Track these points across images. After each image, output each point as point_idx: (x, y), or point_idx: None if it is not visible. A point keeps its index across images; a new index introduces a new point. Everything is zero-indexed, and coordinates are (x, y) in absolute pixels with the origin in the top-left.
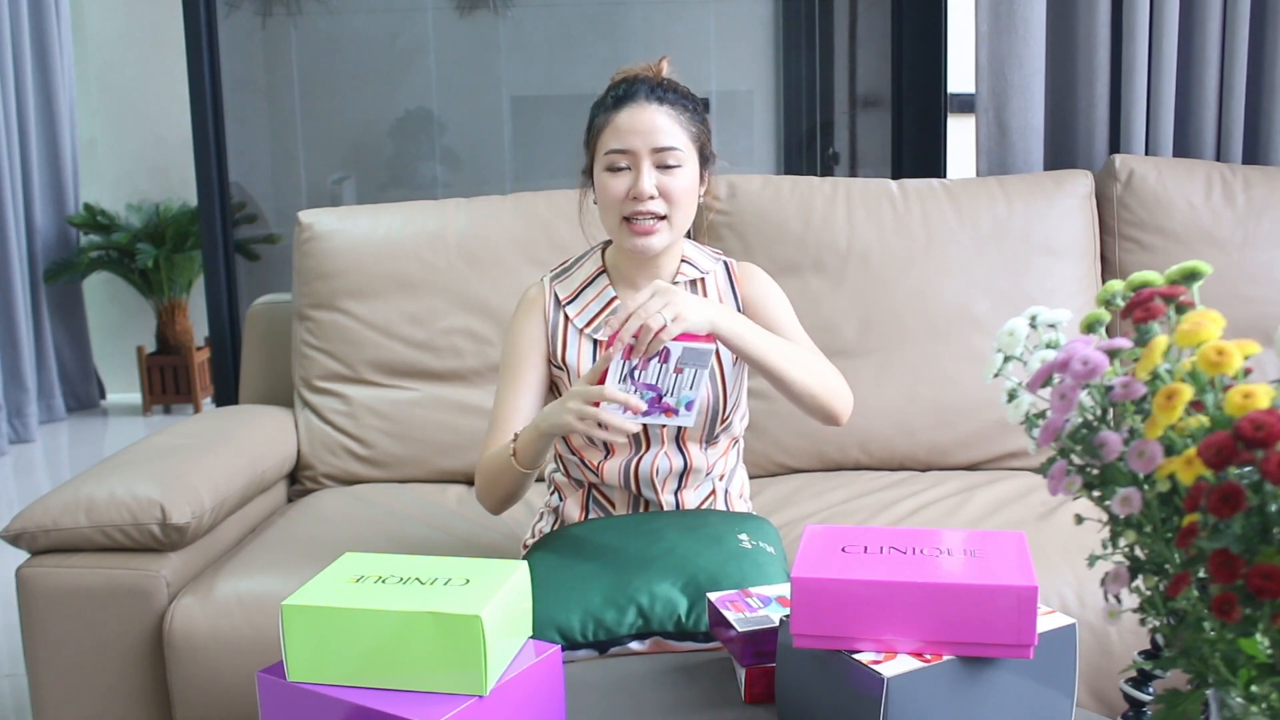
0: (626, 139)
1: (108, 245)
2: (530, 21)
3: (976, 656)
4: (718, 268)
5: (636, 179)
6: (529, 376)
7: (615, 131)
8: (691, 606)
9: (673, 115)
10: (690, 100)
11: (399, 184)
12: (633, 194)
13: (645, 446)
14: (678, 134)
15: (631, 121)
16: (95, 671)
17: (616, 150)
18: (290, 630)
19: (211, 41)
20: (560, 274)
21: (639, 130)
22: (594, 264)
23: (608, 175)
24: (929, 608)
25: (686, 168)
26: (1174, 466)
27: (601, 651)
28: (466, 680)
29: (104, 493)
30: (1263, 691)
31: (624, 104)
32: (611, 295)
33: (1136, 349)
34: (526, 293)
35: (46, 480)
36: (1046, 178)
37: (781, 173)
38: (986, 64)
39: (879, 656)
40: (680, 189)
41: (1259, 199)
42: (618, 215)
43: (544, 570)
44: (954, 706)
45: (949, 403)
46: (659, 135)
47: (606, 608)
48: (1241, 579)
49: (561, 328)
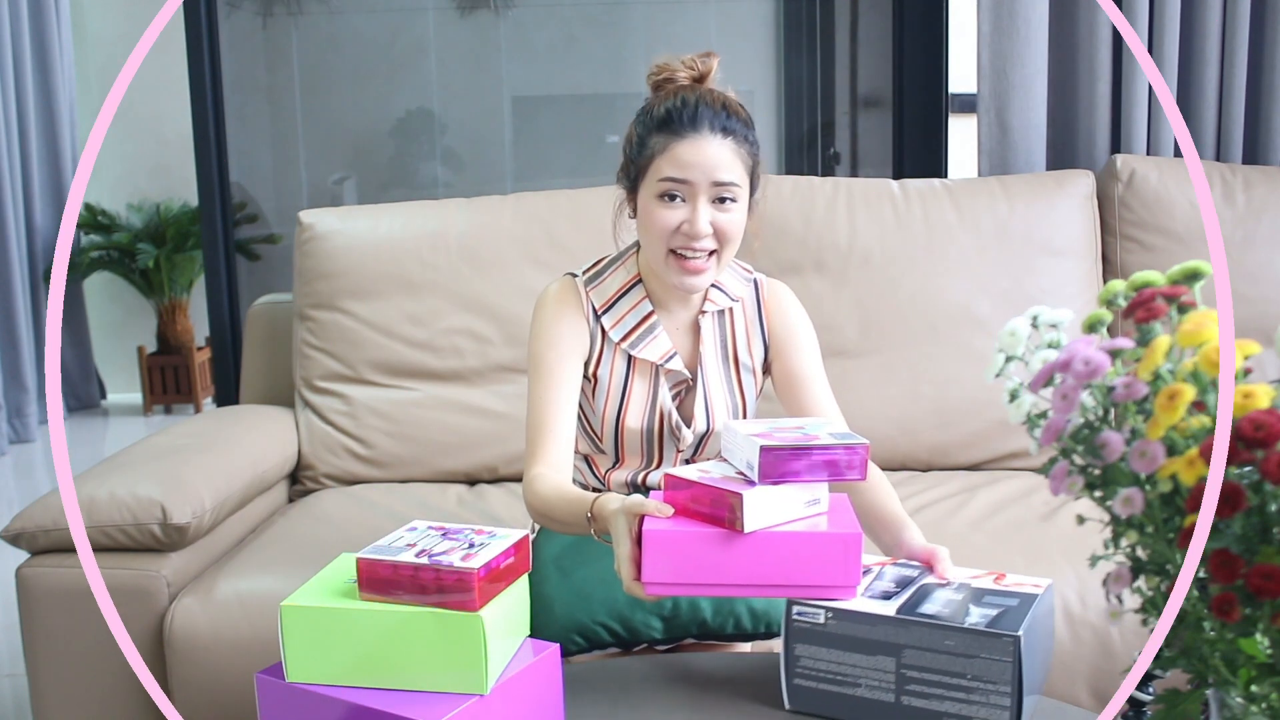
0: (687, 170)
1: (108, 245)
2: (531, 21)
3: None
4: (747, 292)
5: (692, 215)
6: (573, 377)
7: (674, 160)
8: (715, 611)
9: (734, 149)
10: (750, 128)
11: (400, 184)
12: (685, 230)
13: (657, 461)
14: (737, 169)
15: (694, 154)
16: (95, 671)
17: (673, 179)
18: (289, 631)
19: (212, 41)
20: (594, 279)
21: (701, 164)
22: (628, 272)
23: (658, 204)
24: (762, 556)
25: (740, 203)
26: (1175, 467)
27: (625, 650)
28: (467, 679)
29: (104, 493)
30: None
31: (687, 132)
32: (648, 310)
33: (1138, 349)
34: (559, 290)
35: (47, 480)
36: (1048, 178)
37: (783, 173)
38: (988, 64)
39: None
40: (734, 225)
41: (1259, 199)
42: (664, 246)
43: (562, 568)
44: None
45: (950, 403)
46: (721, 171)
47: (633, 609)
48: (1241, 579)
49: (599, 338)
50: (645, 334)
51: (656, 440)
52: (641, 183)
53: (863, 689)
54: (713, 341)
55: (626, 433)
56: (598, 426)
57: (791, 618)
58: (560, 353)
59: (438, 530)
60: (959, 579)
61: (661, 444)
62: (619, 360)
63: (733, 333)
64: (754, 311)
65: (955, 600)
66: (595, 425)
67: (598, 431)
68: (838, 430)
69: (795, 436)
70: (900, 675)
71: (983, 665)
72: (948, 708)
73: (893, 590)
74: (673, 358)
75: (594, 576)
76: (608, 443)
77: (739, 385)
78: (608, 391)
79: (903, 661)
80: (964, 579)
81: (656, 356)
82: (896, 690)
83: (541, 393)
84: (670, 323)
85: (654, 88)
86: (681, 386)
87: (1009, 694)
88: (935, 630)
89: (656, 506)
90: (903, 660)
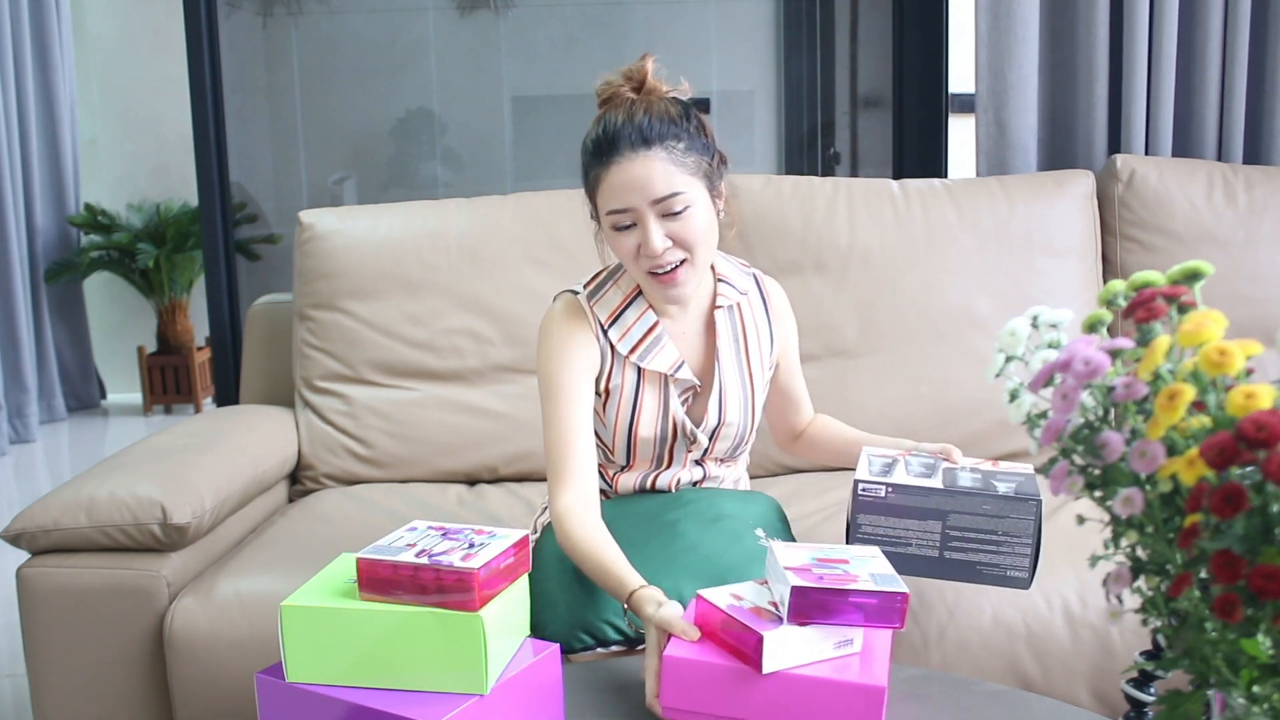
0: (622, 198)
1: (108, 245)
2: (531, 21)
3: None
4: (750, 286)
5: (644, 237)
6: (588, 397)
7: (609, 190)
8: None
9: (664, 156)
10: (679, 122)
11: (400, 184)
12: (644, 252)
13: (667, 464)
14: (675, 176)
15: (622, 177)
16: (95, 671)
17: (616, 211)
18: (289, 631)
19: (212, 41)
20: (595, 293)
21: (633, 186)
22: (630, 282)
23: (614, 235)
24: (781, 697)
25: (695, 205)
26: (1176, 467)
27: (630, 648)
28: (467, 679)
29: (104, 493)
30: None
31: (610, 158)
32: (653, 321)
33: (1138, 349)
34: (564, 309)
35: (47, 480)
36: (1047, 178)
37: (783, 173)
38: (987, 64)
39: None
40: (692, 230)
41: (1260, 199)
42: (639, 270)
43: (566, 566)
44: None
45: (950, 403)
46: (654, 186)
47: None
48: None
49: (609, 352)
50: (652, 345)
51: (668, 445)
52: (599, 214)
53: (913, 547)
54: (728, 336)
55: (640, 441)
56: (610, 437)
57: (857, 493)
58: (574, 373)
59: (438, 530)
60: (969, 464)
61: (673, 448)
62: (629, 372)
63: (743, 326)
64: (759, 304)
65: (978, 477)
66: (607, 436)
67: (610, 442)
68: (881, 572)
69: (834, 576)
70: (945, 535)
71: (1010, 524)
72: (981, 558)
73: (925, 472)
74: (681, 367)
75: None
76: (619, 450)
77: (750, 378)
78: (619, 403)
79: (948, 524)
80: (972, 464)
81: (665, 367)
82: (940, 547)
83: (560, 415)
84: (676, 328)
85: (600, 106)
86: (690, 391)
87: (1030, 544)
88: (975, 498)
89: (685, 629)
90: (948, 523)
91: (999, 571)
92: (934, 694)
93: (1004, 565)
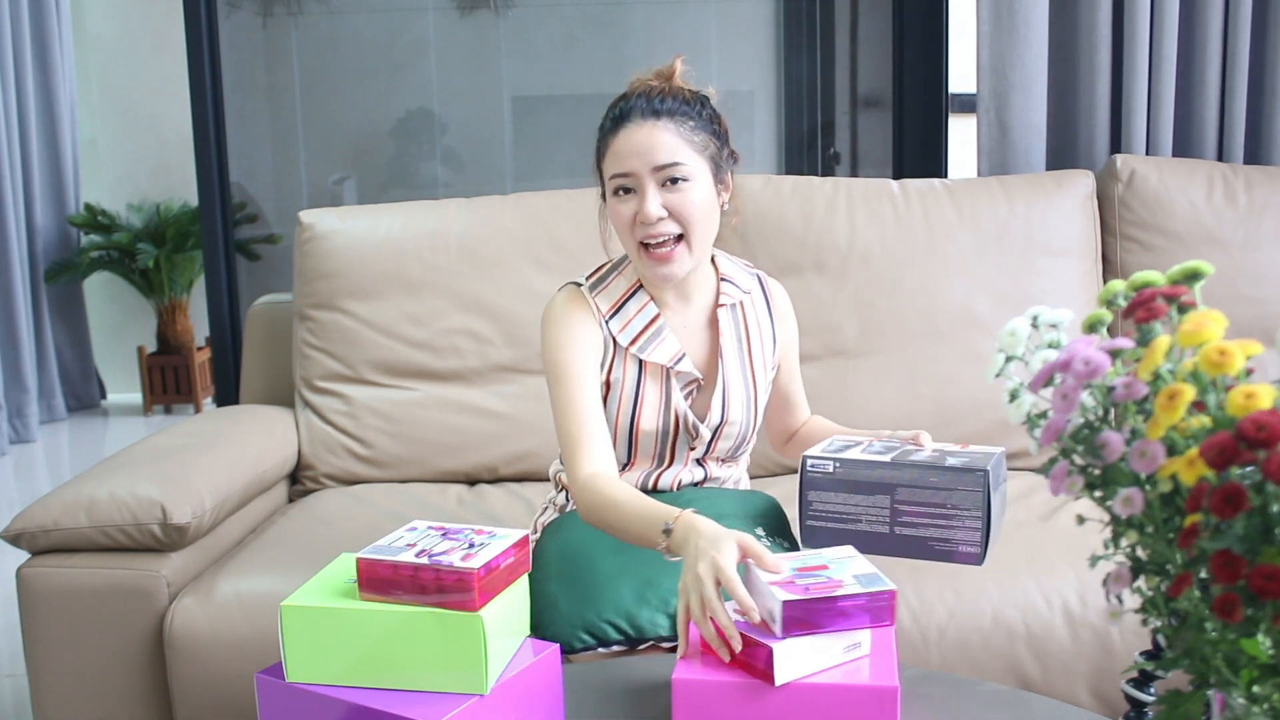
0: (625, 161)
1: (108, 245)
2: (531, 21)
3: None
4: (754, 285)
5: (641, 202)
6: (595, 380)
7: (615, 155)
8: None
9: (672, 129)
10: (693, 105)
11: (400, 184)
12: (640, 218)
13: (669, 462)
14: (679, 148)
15: (629, 143)
16: (95, 671)
17: (618, 174)
18: (289, 631)
19: (212, 41)
20: (598, 285)
21: (637, 151)
22: (629, 278)
23: (615, 200)
24: (795, 707)
25: (696, 181)
26: (1176, 467)
27: (632, 648)
28: (467, 679)
29: (104, 493)
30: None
31: (620, 125)
32: (654, 313)
33: (1138, 349)
34: (566, 298)
35: (47, 480)
36: (1048, 178)
37: (783, 173)
38: (987, 64)
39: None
40: (689, 205)
41: (1260, 199)
42: (633, 241)
43: (567, 566)
44: None
45: (950, 402)
46: (657, 152)
47: (640, 606)
48: (1243, 579)
49: (611, 343)
50: (652, 337)
51: (670, 441)
52: (604, 189)
53: (863, 524)
54: (731, 334)
55: (641, 435)
56: (611, 431)
57: (805, 469)
58: (580, 357)
59: (438, 530)
60: (935, 446)
61: (674, 445)
62: (630, 365)
63: (746, 325)
64: (762, 304)
65: (934, 455)
66: (609, 430)
67: (612, 436)
68: (863, 572)
69: (819, 584)
70: (894, 510)
71: (960, 496)
72: (931, 534)
73: (883, 451)
74: (681, 359)
75: (601, 574)
76: (620, 446)
77: (753, 378)
78: (620, 395)
79: (895, 499)
80: (939, 446)
81: (665, 359)
82: (890, 523)
83: (570, 398)
84: (678, 322)
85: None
86: (693, 386)
87: (980, 518)
88: (921, 470)
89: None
90: (895, 498)
91: (950, 547)
92: (934, 694)
93: (955, 540)
